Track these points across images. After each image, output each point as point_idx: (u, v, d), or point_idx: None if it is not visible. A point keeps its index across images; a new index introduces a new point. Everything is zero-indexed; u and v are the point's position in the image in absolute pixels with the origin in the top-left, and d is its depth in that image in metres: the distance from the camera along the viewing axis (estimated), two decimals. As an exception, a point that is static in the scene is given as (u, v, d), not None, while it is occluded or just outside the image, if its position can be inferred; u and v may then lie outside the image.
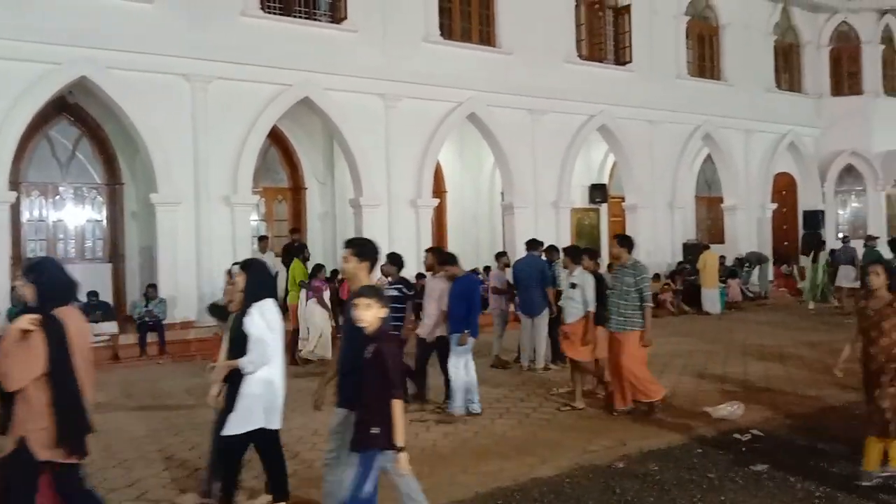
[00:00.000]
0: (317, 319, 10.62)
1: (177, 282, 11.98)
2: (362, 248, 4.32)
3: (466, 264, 15.67)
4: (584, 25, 17.03)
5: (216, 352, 5.50)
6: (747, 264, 18.62)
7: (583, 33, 16.97)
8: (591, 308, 7.61)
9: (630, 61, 17.27)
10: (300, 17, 13.31)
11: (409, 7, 14.06)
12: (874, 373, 4.96)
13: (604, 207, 19.69)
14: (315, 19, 13.53)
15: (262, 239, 13.66)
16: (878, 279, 5.12)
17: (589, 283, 7.68)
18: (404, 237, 14.00)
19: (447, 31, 14.75)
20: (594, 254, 8.51)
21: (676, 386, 8.46)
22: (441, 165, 16.78)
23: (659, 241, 17.98)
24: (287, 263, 12.32)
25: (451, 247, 17.28)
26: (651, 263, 17.56)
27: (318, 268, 11.45)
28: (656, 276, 16.95)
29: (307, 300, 10.82)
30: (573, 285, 7.75)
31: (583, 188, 19.04)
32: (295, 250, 12.60)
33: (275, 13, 13.02)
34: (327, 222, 16.04)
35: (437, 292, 7.90)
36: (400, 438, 3.63)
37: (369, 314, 3.77)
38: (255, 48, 12.38)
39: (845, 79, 21.57)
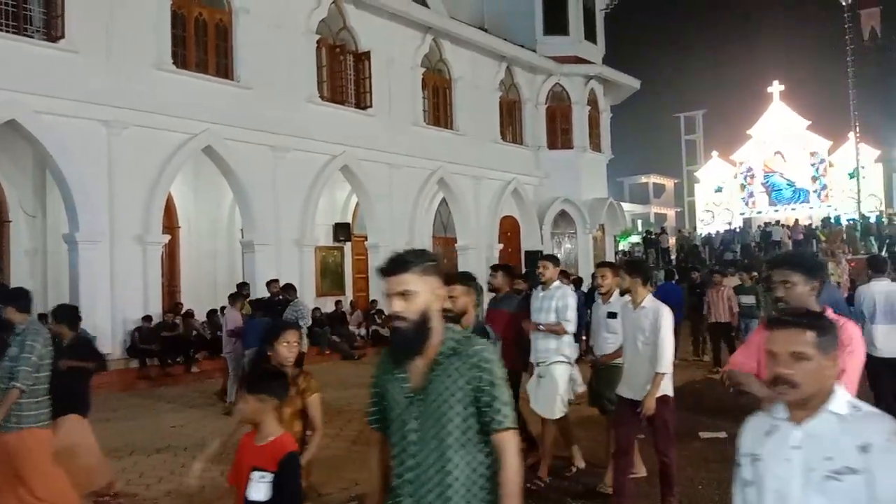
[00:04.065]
0: None
1: None
2: None
3: (203, 305, 15.00)
4: (326, 68, 17.31)
5: None
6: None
7: (324, 75, 17.23)
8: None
9: (370, 106, 17.85)
10: (7, 31, 11.85)
11: (138, 32, 13.21)
12: None
13: (348, 246, 19.94)
14: (26, 35, 12.14)
15: (-49, 279, 11.76)
16: (290, 350, 3.83)
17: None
18: (130, 276, 12.95)
19: (181, 60, 14.10)
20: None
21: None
22: (174, 199, 15.89)
23: (399, 279, 18.55)
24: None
25: (185, 286, 16.38)
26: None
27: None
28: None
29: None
30: None
31: (327, 227, 19.12)
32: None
33: (-27, 23, 11.49)
34: (37, 260, 14.27)
35: None
36: None
37: None
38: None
39: (559, 134, 24.20)
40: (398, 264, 2.33)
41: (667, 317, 5.03)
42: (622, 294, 5.53)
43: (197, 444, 7.62)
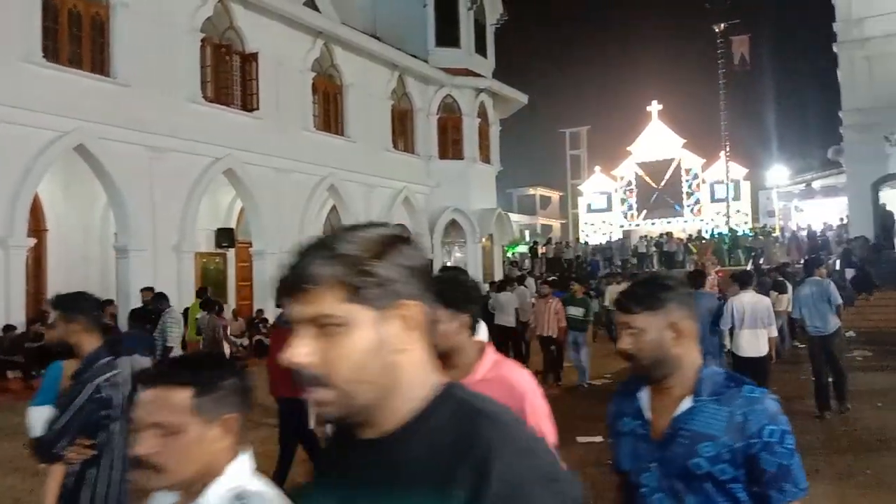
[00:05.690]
0: None
1: None
2: None
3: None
4: (210, 67, 16.78)
5: None
6: None
7: (208, 75, 16.69)
8: None
9: (257, 108, 17.41)
10: None
11: (4, 21, 12.31)
12: None
13: (231, 252, 19.36)
14: None
15: None
16: None
17: None
18: (-11, 282, 12.06)
19: (52, 54, 13.28)
20: None
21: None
22: (41, 200, 14.94)
23: (285, 286, 18.19)
24: None
25: (53, 293, 15.35)
26: (277, 309, 17.75)
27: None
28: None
29: None
30: None
31: (209, 232, 18.49)
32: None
33: None
34: None
35: None
36: None
37: None
38: None
39: (450, 145, 24.53)
40: None
41: None
42: None
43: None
